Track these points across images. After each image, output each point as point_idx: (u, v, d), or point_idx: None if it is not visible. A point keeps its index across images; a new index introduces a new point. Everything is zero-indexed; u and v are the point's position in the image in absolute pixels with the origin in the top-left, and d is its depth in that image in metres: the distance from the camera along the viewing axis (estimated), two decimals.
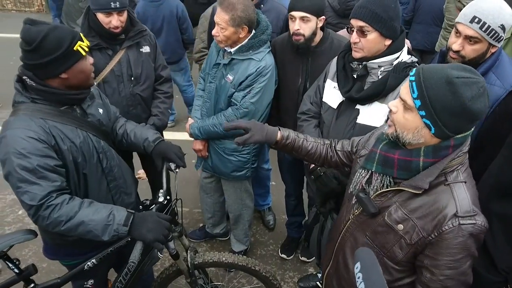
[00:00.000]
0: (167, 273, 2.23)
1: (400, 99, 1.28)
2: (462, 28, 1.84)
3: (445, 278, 1.29)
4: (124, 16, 2.43)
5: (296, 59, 2.47)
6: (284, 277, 3.03)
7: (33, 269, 1.93)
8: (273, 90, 2.52)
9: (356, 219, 1.51)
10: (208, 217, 3.16)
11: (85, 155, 1.75)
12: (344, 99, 2.03)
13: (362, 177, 1.46)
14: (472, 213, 1.25)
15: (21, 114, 1.62)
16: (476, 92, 1.16)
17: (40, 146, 1.58)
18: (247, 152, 2.61)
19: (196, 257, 2.15)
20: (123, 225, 1.65)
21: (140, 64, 2.60)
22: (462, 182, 1.29)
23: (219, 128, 2.48)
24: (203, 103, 2.66)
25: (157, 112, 2.76)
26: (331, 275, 1.71)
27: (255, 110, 2.43)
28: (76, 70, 1.64)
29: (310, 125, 2.25)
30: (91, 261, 1.91)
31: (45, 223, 1.60)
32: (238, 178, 2.73)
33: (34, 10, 9.93)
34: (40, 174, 1.56)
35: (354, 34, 1.86)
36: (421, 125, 1.23)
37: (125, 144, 2.07)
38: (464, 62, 1.87)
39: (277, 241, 3.36)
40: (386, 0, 1.79)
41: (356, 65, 1.94)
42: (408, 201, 1.33)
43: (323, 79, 2.18)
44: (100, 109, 1.90)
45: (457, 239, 1.25)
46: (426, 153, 1.27)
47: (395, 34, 1.85)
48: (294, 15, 2.29)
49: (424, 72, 1.21)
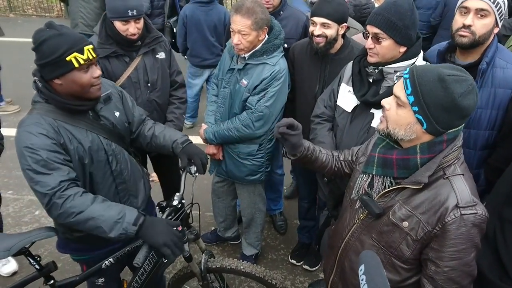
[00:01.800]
0: (180, 274, 2.25)
1: (394, 96, 1.35)
2: (473, 2, 1.91)
3: (450, 270, 1.32)
4: (141, 24, 2.48)
5: (315, 65, 2.49)
6: (294, 282, 3.03)
7: (53, 266, 2.00)
8: (286, 94, 2.55)
9: (361, 223, 1.53)
10: (220, 221, 3.18)
11: (93, 157, 1.79)
12: (359, 103, 2.04)
13: (363, 181, 1.50)
14: (472, 203, 1.30)
15: (35, 113, 1.71)
16: (466, 89, 1.24)
17: (49, 142, 1.65)
18: (261, 156, 2.63)
19: (210, 261, 2.16)
20: (132, 224, 1.68)
21: (156, 70, 2.64)
22: (460, 174, 1.34)
23: (234, 132, 2.51)
24: (217, 108, 2.69)
25: (172, 117, 2.79)
26: (336, 282, 1.72)
27: (269, 113, 2.46)
28: (68, 80, 1.66)
29: (323, 128, 2.26)
30: (108, 260, 1.95)
31: (57, 212, 1.65)
32: (252, 182, 2.75)
33: (54, 15, 10.16)
34: (51, 166, 1.64)
35: (369, 40, 1.88)
36: (413, 120, 1.30)
37: (153, 146, 2.10)
38: (474, 41, 1.94)
39: (288, 246, 3.37)
40: (402, 8, 1.80)
41: (372, 69, 1.96)
42: (411, 198, 1.37)
43: (338, 83, 2.20)
44: (117, 112, 1.93)
45: (460, 230, 1.29)
46: (422, 149, 1.33)
47: (410, 42, 1.86)
48: (315, 21, 2.32)
49: (418, 70, 1.29)
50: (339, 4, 2.33)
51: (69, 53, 1.60)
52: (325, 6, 2.29)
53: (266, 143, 2.61)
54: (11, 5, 10.16)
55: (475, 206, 1.30)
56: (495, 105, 1.96)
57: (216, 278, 2.35)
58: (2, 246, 1.86)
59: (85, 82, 1.69)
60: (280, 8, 2.90)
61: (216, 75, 2.77)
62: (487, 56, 1.94)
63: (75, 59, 1.62)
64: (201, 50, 4.34)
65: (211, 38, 4.27)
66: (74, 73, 1.65)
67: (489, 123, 2.00)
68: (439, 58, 2.11)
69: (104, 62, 2.52)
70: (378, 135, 1.47)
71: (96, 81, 1.72)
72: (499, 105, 1.96)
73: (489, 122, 2.00)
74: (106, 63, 2.53)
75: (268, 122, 2.50)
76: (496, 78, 1.95)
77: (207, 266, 2.14)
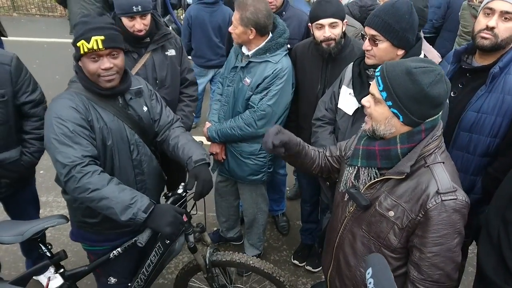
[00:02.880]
0: (187, 268, 2.29)
1: (370, 94, 1.41)
2: (499, 4, 1.86)
3: (433, 255, 1.35)
4: (148, 20, 2.49)
5: (316, 65, 2.50)
6: (297, 284, 3.04)
7: (64, 255, 2.05)
8: (290, 93, 2.54)
9: (351, 215, 1.58)
10: (222, 221, 3.18)
11: (116, 141, 1.87)
12: (360, 106, 2.03)
13: (350, 174, 1.55)
14: (452, 189, 1.34)
15: (70, 90, 1.84)
16: (434, 78, 1.30)
17: (78, 116, 1.76)
18: (263, 155, 2.63)
19: (220, 254, 2.19)
20: (143, 211, 1.73)
21: (165, 67, 2.65)
22: (440, 162, 1.39)
23: (237, 131, 2.52)
24: (221, 106, 2.70)
25: (181, 115, 2.79)
26: (333, 276, 1.75)
27: (272, 112, 2.46)
28: (83, 64, 1.78)
29: (325, 131, 2.26)
30: (116, 251, 2.00)
31: (74, 185, 1.71)
32: (254, 182, 2.75)
33: (57, 14, 10.18)
34: (75, 139, 1.73)
35: (366, 42, 1.89)
36: (390, 115, 1.37)
37: (174, 156, 2.10)
38: (495, 44, 1.90)
39: (290, 247, 3.37)
40: (400, 11, 1.79)
41: (372, 72, 1.96)
42: (395, 188, 1.42)
43: (338, 85, 2.20)
44: (145, 107, 2.01)
45: (441, 215, 1.33)
46: (402, 140, 1.38)
47: (407, 45, 1.86)
48: (322, 23, 2.31)
49: (387, 67, 1.36)
50: (337, 2, 2.36)
51: (79, 39, 1.71)
52: (328, 7, 2.30)
53: None
54: (15, 4, 10.18)
55: (455, 192, 1.34)
56: (501, 112, 1.92)
57: (222, 272, 2.36)
58: (15, 231, 1.93)
59: (92, 70, 1.76)
60: (282, 8, 2.92)
61: (221, 73, 2.78)
62: (501, 61, 1.90)
63: (82, 46, 1.71)
64: (205, 51, 4.35)
65: (216, 39, 4.29)
66: (84, 59, 1.76)
67: (492, 129, 1.96)
68: (455, 57, 2.08)
69: None
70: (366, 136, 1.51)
71: (104, 72, 1.77)
72: (505, 113, 1.91)
73: (492, 129, 1.96)
74: None
75: (271, 121, 2.49)
76: (508, 84, 1.90)
77: (213, 260, 2.17)
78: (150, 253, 2.08)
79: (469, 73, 2.01)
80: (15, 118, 2.16)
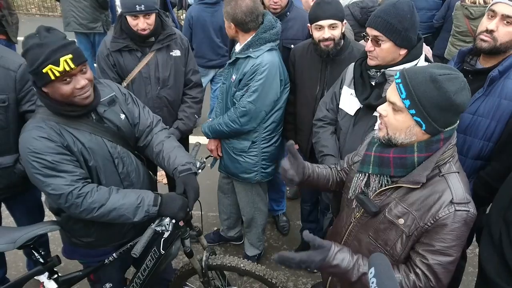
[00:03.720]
0: (182, 271, 2.26)
1: (389, 102, 1.36)
2: (501, 7, 1.84)
3: (435, 263, 1.32)
4: (152, 19, 2.50)
5: (315, 66, 2.49)
6: (297, 283, 3.03)
7: (57, 260, 2.03)
8: (277, 90, 2.49)
9: (358, 221, 1.54)
10: (224, 219, 3.18)
11: (98, 159, 1.78)
12: (361, 106, 2.03)
13: (360, 180, 1.51)
14: (466, 201, 1.32)
15: (38, 117, 1.70)
16: (459, 86, 1.27)
17: (52, 144, 1.64)
18: (254, 154, 2.62)
19: (212, 258, 2.17)
20: (153, 205, 1.76)
21: (169, 67, 2.66)
22: (455, 172, 1.37)
23: (224, 127, 2.53)
24: (217, 103, 2.72)
25: (182, 116, 2.81)
26: (334, 283, 1.72)
27: (255, 109, 2.43)
28: (52, 90, 1.62)
29: (326, 131, 2.26)
30: (111, 256, 1.98)
31: (78, 210, 1.68)
32: (248, 181, 2.73)
33: (58, 14, 10.17)
34: (59, 168, 1.65)
35: (368, 43, 1.87)
36: (412, 123, 1.32)
37: (158, 164, 2.06)
38: (493, 47, 1.88)
39: (291, 246, 3.37)
40: (402, 11, 1.79)
41: (374, 72, 1.95)
42: (406, 196, 1.39)
43: (339, 86, 2.19)
44: (122, 114, 1.91)
45: (453, 225, 1.31)
46: (420, 148, 1.34)
47: (410, 44, 1.85)
48: (322, 24, 2.30)
49: (409, 73, 1.31)
50: (337, 3, 2.35)
51: (44, 65, 1.54)
52: (328, 8, 2.29)
53: (260, 141, 2.59)
54: (15, 4, 10.18)
55: (468, 204, 1.32)
56: (496, 116, 1.91)
57: (218, 275, 2.35)
58: (7, 239, 1.89)
59: (67, 93, 1.62)
60: (287, 9, 2.91)
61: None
62: (501, 65, 1.88)
63: (51, 71, 1.55)
64: (206, 51, 4.35)
65: (217, 39, 4.28)
66: (55, 84, 1.60)
67: (486, 133, 1.95)
68: (459, 58, 2.07)
69: (117, 56, 2.58)
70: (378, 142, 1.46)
71: (79, 92, 1.65)
72: (500, 117, 1.90)
73: (486, 132, 1.95)
74: (119, 56, 2.58)
75: (256, 118, 2.47)
76: (506, 89, 1.88)
77: (208, 263, 2.15)
78: (146, 258, 2.06)
79: (471, 75, 2.00)
80: (17, 125, 2.07)
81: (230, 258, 2.19)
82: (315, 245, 1.34)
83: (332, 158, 2.15)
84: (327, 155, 2.18)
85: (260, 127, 2.55)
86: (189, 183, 1.90)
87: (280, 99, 2.55)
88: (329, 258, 1.35)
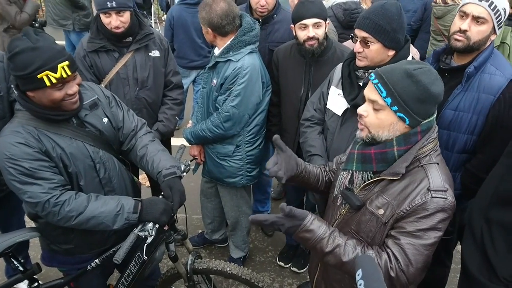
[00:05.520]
0: (167, 275, 2.23)
1: (369, 102, 1.40)
2: (471, 7, 1.90)
3: (407, 243, 1.34)
4: (126, 17, 2.45)
5: (299, 68, 2.49)
6: (283, 284, 3.03)
7: (37, 268, 1.98)
8: (259, 93, 2.48)
9: (343, 217, 1.56)
10: (207, 223, 3.16)
11: (78, 164, 1.74)
12: (349, 106, 2.04)
13: (344, 178, 1.54)
14: (443, 189, 1.36)
15: (16, 121, 1.65)
16: (433, 77, 1.35)
17: (30, 150, 1.60)
18: (239, 158, 2.60)
19: (197, 262, 2.14)
20: (133, 213, 1.73)
21: (147, 68, 2.62)
22: (434, 163, 1.41)
23: (207, 133, 2.50)
24: (198, 108, 2.69)
25: (162, 118, 2.77)
26: (320, 282, 1.74)
27: (238, 113, 2.41)
28: (40, 95, 1.58)
29: (314, 131, 2.26)
30: (94, 262, 1.93)
31: (56, 218, 1.65)
32: (233, 185, 2.70)
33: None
34: (36, 175, 1.60)
35: (357, 44, 1.89)
36: (395, 119, 1.37)
37: (142, 168, 2.03)
38: (467, 46, 1.94)
39: (276, 248, 3.36)
40: (390, 12, 1.81)
41: (361, 73, 1.97)
42: (387, 187, 1.43)
43: (327, 86, 2.20)
44: (105, 118, 1.87)
45: (428, 211, 1.34)
46: (398, 142, 1.39)
47: (398, 45, 1.88)
48: (306, 23, 2.30)
49: (385, 73, 1.37)
50: (320, 2, 2.36)
51: (41, 70, 1.50)
52: (312, 7, 2.29)
53: (244, 145, 2.58)
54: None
55: (445, 192, 1.35)
56: (477, 110, 1.97)
57: (204, 279, 2.33)
58: None
59: (57, 98, 1.60)
60: (274, 11, 2.89)
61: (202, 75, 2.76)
62: (476, 61, 1.95)
63: (47, 78, 1.51)
64: (188, 52, 4.31)
65: (198, 39, 4.24)
66: (46, 90, 1.56)
67: (469, 127, 2.01)
68: (434, 58, 2.12)
69: (94, 57, 2.53)
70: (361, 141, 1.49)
71: (69, 97, 1.63)
72: (480, 110, 1.96)
73: (468, 126, 2.01)
74: (96, 57, 2.53)
75: (239, 122, 2.46)
76: (482, 83, 1.96)
77: (194, 267, 2.12)
78: (130, 263, 2.02)
79: (448, 73, 2.05)
80: (10, 114, 1.97)
81: (216, 262, 2.16)
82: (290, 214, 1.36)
83: (320, 158, 2.16)
84: (314, 155, 2.19)
85: (243, 131, 2.53)
86: (174, 187, 1.87)
87: (262, 102, 2.54)
88: (306, 222, 1.38)
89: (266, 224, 1.40)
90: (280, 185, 3.92)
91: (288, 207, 1.36)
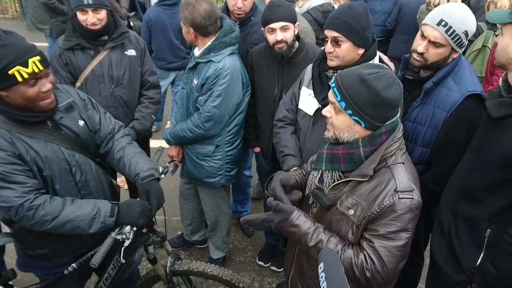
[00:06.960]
0: (147, 277, 2.22)
1: (330, 103, 1.45)
2: (429, 30, 1.91)
3: (380, 246, 1.39)
4: (102, 15, 2.48)
5: (273, 69, 2.52)
6: (262, 284, 3.06)
7: (12, 274, 1.93)
8: (239, 93, 2.51)
9: (314, 216, 1.60)
10: (187, 224, 3.16)
11: (53, 168, 1.72)
12: (320, 106, 2.08)
13: (314, 177, 1.58)
14: (409, 189, 1.40)
15: None
16: (387, 82, 1.35)
17: (3, 154, 1.58)
18: (219, 158, 2.62)
19: (178, 264, 2.14)
20: (109, 216, 1.72)
21: (123, 66, 2.63)
22: (400, 163, 1.44)
23: (187, 133, 2.51)
24: (177, 109, 2.70)
25: (139, 116, 2.77)
26: (295, 279, 1.77)
27: (219, 113, 2.44)
28: (13, 93, 1.55)
29: (286, 132, 2.30)
30: (71, 266, 1.91)
31: (30, 223, 1.62)
32: (212, 185, 2.72)
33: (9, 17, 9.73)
34: (10, 179, 1.58)
35: (328, 44, 1.92)
36: (351, 122, 1.41)
37: (119, 170, 2.00)
38: (426, 65, 1.97)
39: (256, 247, 3.39)
40: (357, 11, 1.86)
41: (331, 73, 2.00)
42: (356, 188, 1.47)
43: (298, 86, 2.23)
44: (81, 121, 1.85)
45: (397, 212, 1.38)
46: (364, 143, 1.43)
47: (367, 44, 1.92)
48: (273, 27, 2.33)
49: (341, 77, 1.41)
50: (288, 6, 2.38)
51: (11, 66, 1.48)
52: (279, 10, 2.32)
53: (224, 145, 2.60)
54: None
55: (411, 192, 1.39)
56: (432, 124, 1.97)
57: (184, 281, 2.33)
58: None
59: (32, 96, 1.57)
60: (251, 13, 2.91)
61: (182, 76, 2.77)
62: (436, 76, 1.95)
63: (18, 73, 1.49)
64: (166, 53, 4.30)
65: (176, 41, 4.25)
66: (19, 87, 1.53)
67: (424, 140, 2.01)
68: (403, 65, 2.14)
69: (69, 54, 2.54)
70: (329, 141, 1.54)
71: (45, 95, 1.61)
72: (435, 125, 1.96)
73: (423, 140, 2.01)
74: (71, 55, 2.54)
75: (220, 123, 2.48)
76: (439, 98, 1.95)
77: (173, 269, 2.12)
78: (108, 266, 2.01)
79: (412, 83, 2.07)
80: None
81: (197, 263, 2.17)
82: (277, 208, 1.44)
83: (293, 158, 2.19)
84: (288, 155, 2.21)
85: (223, 131, 2.55)
86: (152, 190, 1.86)
87: (242, 102, 2.57)
88: (293, 217, 1.44)
89: (257, 223, 1.47)
90: (259, 185, 3.95)
91: (275, 201, 1.44)
